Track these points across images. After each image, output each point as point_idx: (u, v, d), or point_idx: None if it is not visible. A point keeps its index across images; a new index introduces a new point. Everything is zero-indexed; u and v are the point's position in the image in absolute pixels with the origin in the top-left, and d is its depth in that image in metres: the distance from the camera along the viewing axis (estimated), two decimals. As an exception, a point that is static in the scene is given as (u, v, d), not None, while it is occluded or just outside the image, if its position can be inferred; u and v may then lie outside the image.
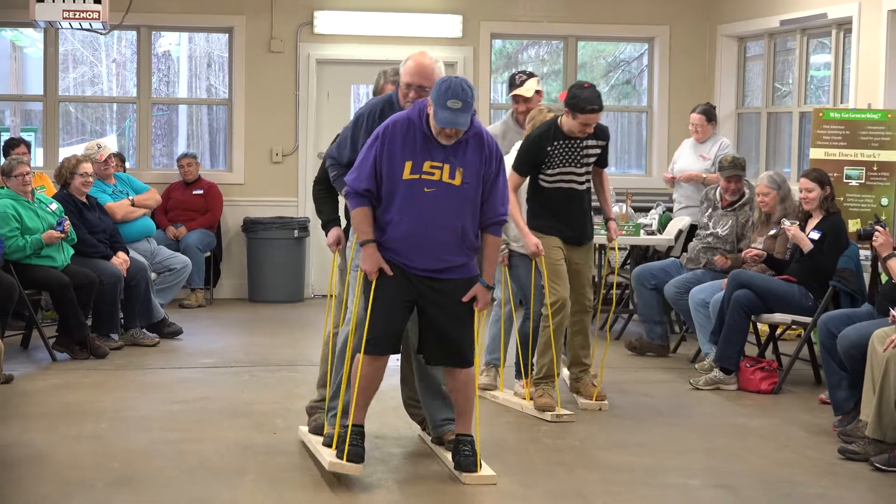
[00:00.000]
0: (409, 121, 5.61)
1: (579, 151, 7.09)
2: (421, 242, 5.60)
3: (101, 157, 10.01)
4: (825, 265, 7.83)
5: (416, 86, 5.87)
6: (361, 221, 5.66)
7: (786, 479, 6.07)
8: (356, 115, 6.12)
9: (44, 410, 7.26)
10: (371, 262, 5.61)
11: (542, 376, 7.23)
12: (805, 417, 7.36)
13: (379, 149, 5.59)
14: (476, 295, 5.70)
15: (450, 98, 5.43)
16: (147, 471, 6.02)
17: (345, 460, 5.62)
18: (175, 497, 5.60)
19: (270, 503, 5.53)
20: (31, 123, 13.09)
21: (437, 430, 6.18)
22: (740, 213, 8.76)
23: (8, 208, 8.70)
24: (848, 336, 6.79)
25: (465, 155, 5.61)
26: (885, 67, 9.39)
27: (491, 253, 5.78)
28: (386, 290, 5.61)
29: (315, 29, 11.88)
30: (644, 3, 12.20)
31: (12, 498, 5.57)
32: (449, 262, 5.64)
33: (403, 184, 5.57)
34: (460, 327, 5.71)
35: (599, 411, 7.26)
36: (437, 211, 5.58)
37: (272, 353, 9.26)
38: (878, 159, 8.97)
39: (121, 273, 9.19)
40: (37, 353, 9.00)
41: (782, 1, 10.87)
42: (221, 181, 11.80)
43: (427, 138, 5.58)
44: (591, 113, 6.91)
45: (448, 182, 5.58)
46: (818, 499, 5.76)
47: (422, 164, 5.57)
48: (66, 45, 12.82)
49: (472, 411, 5.81)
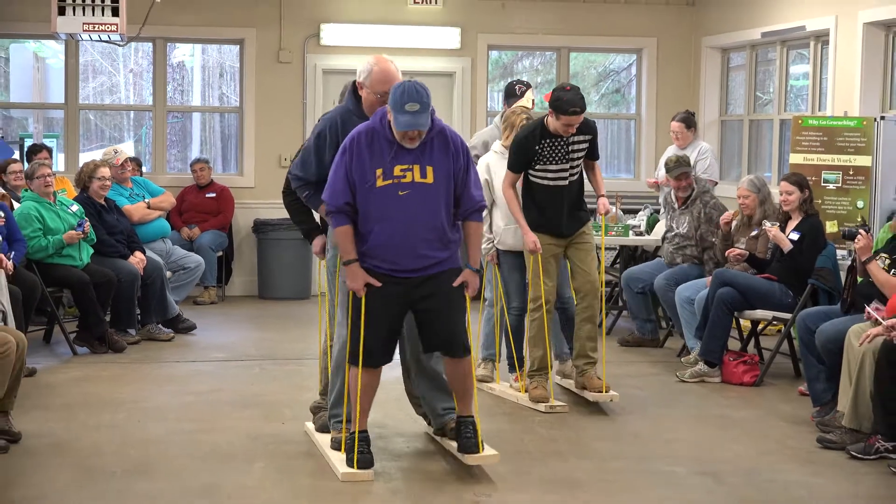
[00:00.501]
0: (372, 130, 5.53)
1: (566, 148, 7.01)
2: (403, 244, 5.52)
3: (118, 161, 10.03)
4: (804, 264, 7.84)
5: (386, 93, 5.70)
6: (344, 240, 5.56)
7: (767, 466, 6.08)
8: (317, 133, 5.95)
9: (65, 401, 7.27)
10: (357, 281, 5.53)
11: (535, 369, 7.20)
12: (785, 408, 7.36)
13: (348, 162, 5.50)
14: (466, 280, 5.64)
15: (407, 101, 5.36)
16: (162, 458, 6.03)
17: (355, 468, 5.59)
18: (189, 483, 5.61)
19: (279, 489, 5.54)
20: (53, 130, 13.07)
21: (439, 419, 6.13)
22: (693, 208, 8.81)
23: (31, 210, 8.71)
24: (826, 331, 6.80)
25: (432, 154, 5.54)
26: (861, 77, 9.38)
27: (475, 239, 5.73)
28: (375, 302, 5.54)
29: (321, 41, 11.87)
30: (632, 16, 12.20)
31: (36, 484, 5.58)
32: (432, 258, 5.57)
33: (377, 191, 5.49)
34: (453, 315, 5.64)
35: (611, 402, 7.14)
36: (415, 211, 5.50)
37: (281, 347, 9.26)
38: (853, 164, 8.96)
39: (138, 272, 9.19)
40: (58, 348, 9.00)
41: (763, 14, 10.87)
42: (233, 185, 11.79)
43: (392, 144, 5.49)
44: (572, 115, 6.84)
45: (421, 181, 5.51)
46: (798, 486, 5.75)
47: (391, 169, 5.48)
48: (85, 56, 12.81)
49: (471, 395, 5.76)
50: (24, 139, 11.79)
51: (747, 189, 8.41)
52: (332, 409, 6.00)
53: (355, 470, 5.58)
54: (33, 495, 5.40)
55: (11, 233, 8.05)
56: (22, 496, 5.39)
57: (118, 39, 10.21)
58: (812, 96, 10.38)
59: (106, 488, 5.52)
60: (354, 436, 5.63)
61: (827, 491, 5.70)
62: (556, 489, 5.60)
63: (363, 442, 5.64)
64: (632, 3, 12.19)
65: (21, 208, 8.75)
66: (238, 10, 11.76)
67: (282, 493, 5.49)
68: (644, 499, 5.53)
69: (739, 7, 11.31)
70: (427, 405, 6.20)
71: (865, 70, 9.37)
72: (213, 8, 11.71)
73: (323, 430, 6.20)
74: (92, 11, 9.72)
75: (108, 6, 9.70)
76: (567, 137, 6.98)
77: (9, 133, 12.08)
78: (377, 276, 5.56)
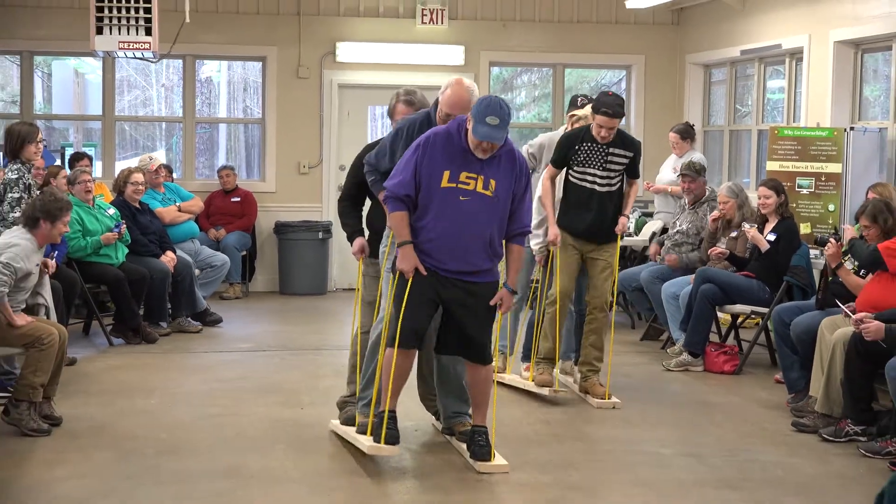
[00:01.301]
0: (449, 133, 5.35)
1: (604, 156, 6.82)
2: (453, 246, 5.32)
3: (153, 167, 10.05)
4: (780, 263, 7.82)
5: (455, 116, 5.53)
6: (399, 224, 5.36)
7: (746, 448, 6.06)
8: (396, 128, 5.81)
9: (102, 388, 7.27)
10: (408, 262, 5.31)
11: (542, 357, 7.11)
12: (762, 395, 7.34)
13: (420, 157, 5.31)
14: (502, 298, 5.45)
15: (489, 115, 5.18)
16: (191, 440, 6.03)
17: (382, 443, 5.40)
18: (215, 463, 5.60)
19: (297, 469, 5.53)
20: (92, 139, 13.08)
21: (449, 420, 5.96)
22: (699, 209, 8.78)
23: (72, 213, 8.69)
24: (800, 324, 6.79)
25: (497, 169, 5.35)
26: (832, 91, 9.36)
27: (515, 261, 5.52)
28: (418, 288, 5.33)
29: (337, 58, 11.85)
30: (622, 36, 12.18)
31: (77, 463, 5.58)
32: (476, 265, 5.37)
33: (441, 191, 5.30)
34: (482, 327, 5.48)
35: (613, 409, 6.84)
36: (470, 218, 5.31)
37: (300, 338, 9.25)
38: (825, 171, 8.94)
39: (169, 269, 9.19)
40: (96, 339, 8.99)
41: (742, 34, 10.85)
42: (256, 190, 11.78)
43: (464, 151, 5.31)
44: (604, 115, 6.66)
45: (482, 192, 5.32)
46: (774, 465, 5.74)
47: (458, 173, 5.30)
48: (121, 72, 12.81)
49: (486, 405, 5.58)
50: (65, 148, 11.83)
51: (726, 195, 8.41)
52: (362, 392, 5.84)
53: (382, 444, 5.39)
54: (74, 473, 5.40)
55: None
56: (64, 474, 5.39)
57: (151, 57, 10.21)
58: (787, 109, 10.36)
59: (140, 467, 5.51)
60: (384, 414, 5.42)
61: (801, 470, 5.68)
62: (551, 470, 5.58)
63: (391, 420, 5.43)
64: (621, 24, 12.17)
65: (62, 212, 8.76)
66: (261, 30, 11.75)
67: (301, 472, 5.48)
68: (633, 478, 5.52)
69: (720, 27, 11.29)
70: (441, 404, 6.03)
71: (836, 85, 9.35)
72: (238, 28, 11.71)
73: (347, 423, 5.99)
74: (127, 31, 9.71)
75: (142, 26, 9.69)
76: (606, 146, 6.81)
77: (52, 142, 12.08)
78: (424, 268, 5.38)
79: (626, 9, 11.59)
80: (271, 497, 5.11)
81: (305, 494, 5.17)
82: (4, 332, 6.12)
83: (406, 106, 6.07)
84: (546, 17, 12.11)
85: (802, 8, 9.77)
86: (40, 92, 13.09)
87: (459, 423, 5.87)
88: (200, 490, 5.18)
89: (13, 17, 11.33)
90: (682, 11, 12.15)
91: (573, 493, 5.27)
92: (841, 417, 6.19)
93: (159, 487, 5.21)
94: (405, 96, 6.15)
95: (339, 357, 7.99)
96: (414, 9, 11.87)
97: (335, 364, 7.84)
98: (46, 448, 5.83)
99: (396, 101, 6.18)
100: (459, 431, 5.83)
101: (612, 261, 6.98)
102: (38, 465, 5.54)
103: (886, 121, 8.99)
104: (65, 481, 5.28)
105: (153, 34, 9.73)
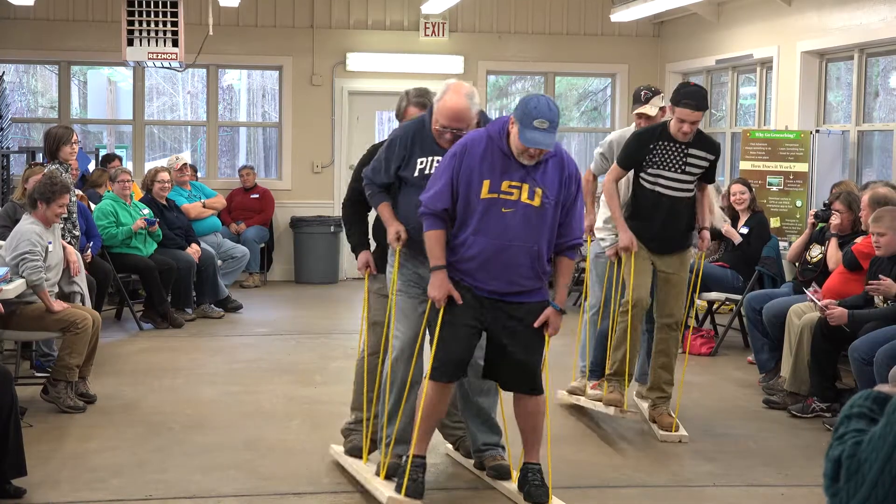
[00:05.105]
0: (489, 138, 4.31)
1: (682, 158, 5.50)
2: (495, 263, 4.28)
3: (178, 166, 10.10)
4: (752, 254, 7.81)
5: (451, 128, 4.50)
6: (434, 245, 4.31)
7: (721, 422, 6.05)
8: (390, 139, 4.72)
9: (133, 368, 7.26)
10: (441, 290, 4.28)
11: (612, 373, 5.77)
12: (736, 374, 7.33)
13: (456, 167, 4.27)
14: (548, 319, 4.37)
15: (536, 118, 4.14)
16: (214, 416, 6.02)
17: (403, 495, 4.27)
18: (236, 436, 5.59)
19: (311, 441, 5.51)
20: (123, 142, 13.04)
21: (479, 454, 4.86)
22: None
23: (108, 206, 8.79)
24: (772, 308, 6.77)
25: (544, 176, 4.30)
26: (799, 97, 9.32)
27: (565, 276, 4.47)
28: (454, 315, 4.30)
29: (347, 67, 11.82)
30: (607, 47, 12.15)
31: (110, 436, 5.57)
32: (521, 285, 4.33)
33: (481, 203, 4.26)
34: (530, 353, 4.37)
35: (679, 443, 5.59)
36: (514, 232, 4.26)
37: (313, 323, 9.23)
38: (793, 170, 8.92)
39: (194, 260, 9.18)
40: (127, 324, 8.98)
41: (717, 45, 10.81)
42: (273, 187, 11.75)
43: (506, 157, 4.27)
44: (685, 107, 5.34)
45: (527, 202, 4.27)
46: (747, 438, 5.73)
47: (500, 183, 4.25)
48: (150, 80, 12.78)
49: (539, 440, 4.51)
50: (98, 149, 11.82)
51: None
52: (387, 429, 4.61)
53: (401, 497, 4.28)
54: (107, 447, 5.39)
55: (90, 228, 8.03)
56: (98, 447, 5.38)
57: (177, 66, 10.19)
58: (758, 113, 10.32)
59: (167, 441, 5.50)
60: (408, 459, 4.36)
61: (771, 443, 5.66)
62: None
63: (418, 468, 4.35)
64: (607, 36, 12.14)
65: (101, 204, 8.85)
66: (278, 42, 11.72)
67: (314, 444, 5.45)
68: (617, 449, 5.50)
69: (697, 39, 11.25)
70: (470, 435, 4.91)
71: (803, 91, 9.32)
72: (257, 39, 11.68)
73: (353, 454, 4.95)
74: (156, 43, 9.69)
75: (169, 38, 9.68)
76: (684, 147, 5.50)
77: (87, 144, 12.06)
78: (459, 289, 4.33)
79: (611, 22, 11.56)
80: (287, 467, 5.09)
81: (318, 464, 5.15)
82: (43, 317, 6.11)
83: (418, 108, 4.95)
84: (538, 30, 12.08)
85: (772, 21, 9.74)
86: (77, 98, 13.06)
87: (490, 457, 4.80)
88: (223, 460, 5.16)
89: (53, 30, 11.32)
90: (662, 24, 12.12)
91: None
92: (808, 395, 6.17)
93: (186, 458, 5.19)
94: (416, 98, 5.05)
95: (349, 340, 7.99)
96: (417, 22, 11.84)
97: (346, 347, 7.84)
98: (82, 423, 5.82)
99: (407, 102, 5.06)
100: (490, 466, 4.78)
101: (685, 276, 5.70)
102: (74, 438, 5.53)
103: (848, 124, 8.97)
104: (99, 453, 5.27)
105: (179, 45, 9.71)
